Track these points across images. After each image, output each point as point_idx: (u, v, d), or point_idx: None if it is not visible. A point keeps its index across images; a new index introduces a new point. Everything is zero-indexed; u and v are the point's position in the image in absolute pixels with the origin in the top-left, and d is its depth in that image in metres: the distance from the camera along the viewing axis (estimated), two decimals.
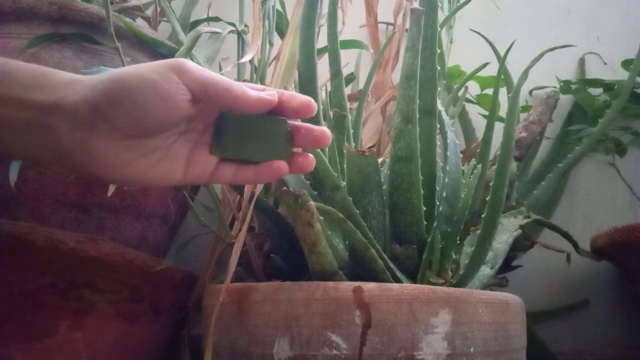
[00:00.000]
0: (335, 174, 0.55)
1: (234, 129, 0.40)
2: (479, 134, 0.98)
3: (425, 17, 0.58)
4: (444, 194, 0.59)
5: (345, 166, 0.59)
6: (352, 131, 0.68)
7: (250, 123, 0.40)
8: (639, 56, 0.85)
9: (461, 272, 0.58)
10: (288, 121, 0.41)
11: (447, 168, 0.60)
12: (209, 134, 0.41)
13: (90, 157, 0.36)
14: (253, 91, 0.38)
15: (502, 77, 0.84)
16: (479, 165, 0.59)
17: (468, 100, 0.98)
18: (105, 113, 0.35)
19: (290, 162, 0.41)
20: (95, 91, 0.35)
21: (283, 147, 0.40)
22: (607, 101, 0.92)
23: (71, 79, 0.37)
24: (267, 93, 0.39)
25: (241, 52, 0.84)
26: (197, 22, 0.91)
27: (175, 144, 0.39)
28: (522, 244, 0.79)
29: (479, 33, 0.86)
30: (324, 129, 0.41)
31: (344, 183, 0.58)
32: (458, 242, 0.60)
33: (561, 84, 0.97)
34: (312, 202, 0.50)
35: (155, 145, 0.38)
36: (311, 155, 0.42)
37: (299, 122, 0.41)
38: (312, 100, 0.39)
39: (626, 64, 0.91)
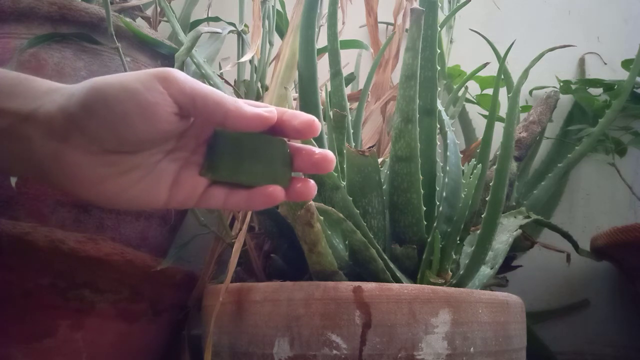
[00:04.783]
0: (335, 174, 0.55)
1: (229, 149, 0.36)
2: (479, 134, 0.98)
3: (425, 17, 0.58)
4: (444, 194, 0.59)
5: (345, 166, 0.59)
6: (352, 131, 0.68)
7: (247, 143, 0.36)
8: (639, 56, 0.85)
9: (461, 272, 0.58)
10: (288, 143, 0.37)
11: (447, 168, 0.60)
12: (201, 154, 0.37)
13: (63, 171, 0.33)
14: (249, 107, 0.34)
15: (502, 77, 0.84)
16: (479, 165, 0.59)
17: (468, 100, 0.97)
18: (81, 123, 0.32)
19: (288, 187, 0.37)
20: (72, 100, 0.32)
21: (281, 170, 0.36)
22: (607, 101, 0.92)
23: (50, 87, 0.34)
24: (265, 110, 0.35)
25: (241, 52, 0.84)
26: (197, 22, 0.91)
27: (162, 162, 0.36)
28: (522, 244, 0.79)
29: (479, 33, 0.86)
30: (327, 152, 0.36)
31: (344, 183, 0.58)
32: (458, 242, 0.60)
33: (561, 84, 0.97)
34: (312, 202, 0.50)
35: (137, 162, 0.34)
36: (312, 181, 0.37)
37: (299, 144, 0.38)
38: (316, 119, 0.36)
39: (626, 64, 0.91)
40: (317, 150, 0.37)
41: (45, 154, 0.33)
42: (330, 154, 0.36)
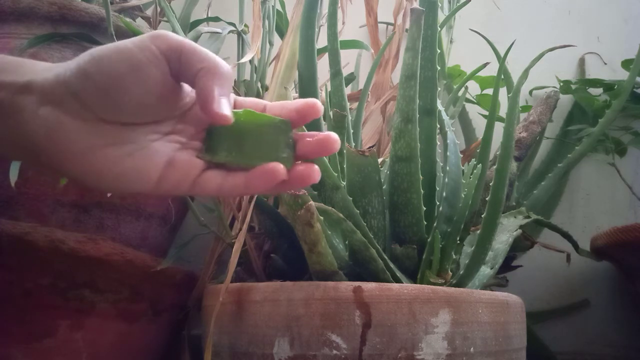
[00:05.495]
0: (335, 174, 0.55)
1: (229, 131, 0.35)
2: (479, 134, 0.98)
3: (425, 17, 0.58)
4: (444, 194, 0.59)
5: (345, 166, 0.59)
6: (352, 131, 0.68)
7: (248, 125, 0.35)
8: (639, 56, 0.85)
9: (461, 272, 0.58)
10: (293, 131, 0.36)
11: (447, 168, 0.60)
12: (200, 140, 0.36)
13: (55, 140, 0.32)
14: (225, 65, 0.35)
15: (502, 77, 0.84)
16: (479, 165, 0.59)
17: (468, 100, 0.98)
18: (76, 88, 0.32)
19: (290, 169, 0.35)
20: (69, 67, 0.33)
21: (284, 152, 0.35)
22: (607, 101, 0.92)
23: (50, 66, 0.34)
24: (226, 107, 0.34)
25: (241, 52, 0.84)
26: (197, 22, 0.91)
27: (157, 142, 0.35)
28: (522, 244, 0.79)
29: (479, 33, 0.86)
30: (330, 133, 0.36)
31: (344, 183, 0.58)
32: (458, 242, 0.60)
33: (561, 84, 0.97)
34: (312, 202, 0.50)
35: (131, 137, 0.34)
36: (315, 165, 0.36)
37: (302, 132, 0.37)
38: (317, 101, 0.36)
39: (626, 64, 0.91)
40: (320, 133, 0.36)
41: (37, 124, 0.32)
42: (334, 134, 0.36)
